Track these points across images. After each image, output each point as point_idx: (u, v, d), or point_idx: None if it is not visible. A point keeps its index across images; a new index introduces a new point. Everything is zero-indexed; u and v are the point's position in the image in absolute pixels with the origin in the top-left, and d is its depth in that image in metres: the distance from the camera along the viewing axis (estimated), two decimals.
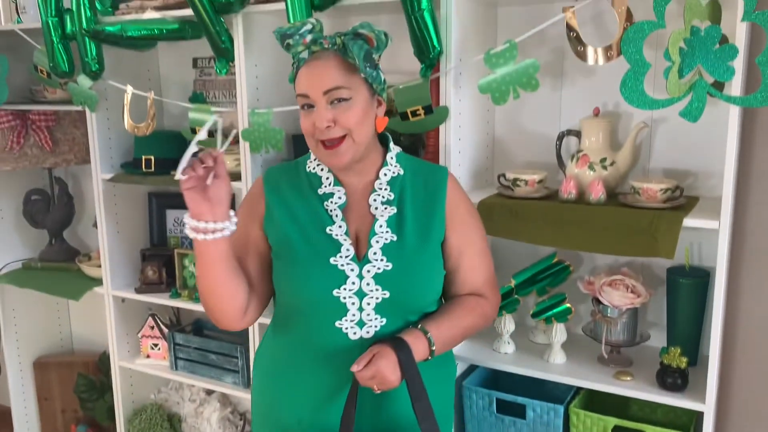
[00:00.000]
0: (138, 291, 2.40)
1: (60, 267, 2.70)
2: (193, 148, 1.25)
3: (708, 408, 1.56)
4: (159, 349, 2.47)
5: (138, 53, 2.30)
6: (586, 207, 1.63)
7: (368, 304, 1.35)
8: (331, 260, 1.35)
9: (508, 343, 1.87)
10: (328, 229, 1.38)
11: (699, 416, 1.62)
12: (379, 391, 1.29)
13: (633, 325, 1.76)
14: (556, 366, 1.78)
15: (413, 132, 1.86)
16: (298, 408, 1.42)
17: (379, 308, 1.35)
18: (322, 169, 1.42)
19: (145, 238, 2.56)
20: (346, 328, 1.35)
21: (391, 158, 1.42)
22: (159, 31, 2.03)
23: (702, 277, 1.71)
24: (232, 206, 1.32)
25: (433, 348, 1.33)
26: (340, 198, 1.40)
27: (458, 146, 1.78)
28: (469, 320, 1.41)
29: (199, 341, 2.36)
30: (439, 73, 1.72)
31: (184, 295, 2.33)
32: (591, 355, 1.81)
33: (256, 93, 2.02)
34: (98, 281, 2.50)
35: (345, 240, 1.37)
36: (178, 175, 1.22)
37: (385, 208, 1.39)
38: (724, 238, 1.49)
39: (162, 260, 2.42)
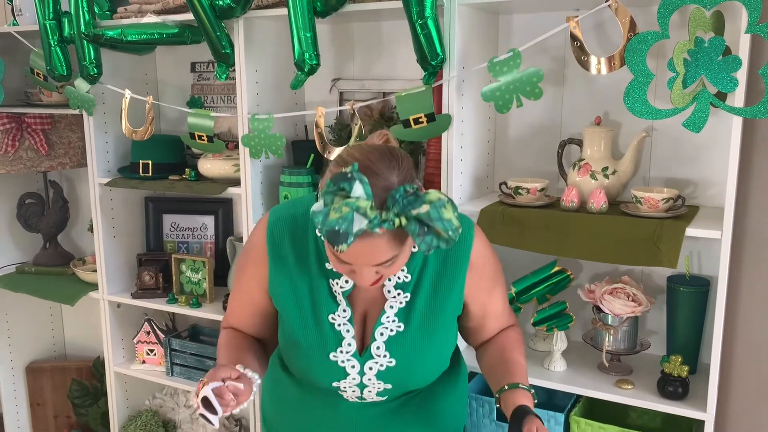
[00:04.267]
0: (134, 296, 2.39)
1: (54, 271, 2.67)
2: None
3: (709, 416, 1.57)
4: (155, 354, 2.46)
5: (135, 57, 2.29)
6: (587, 216, 1.64)
7: (369, 391, 1.34)
8: (331, 356, 1.30)
9: None
10: (330, 317, 1.30)
11: (699, 424, 1.63)
12: None
13: (633, 334, 1.76)
14: (557, 374, 1.78)
15: (415, 140, 1.86)
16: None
17: (381, 393, 1.35)
18: None
19: (142, 242, 2.54)
20: (347, 397, 1.36)
21: None
22: (159, 36, 2.01)
23: (702, 286, 1.72)
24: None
25: (534, 394, 1.29)
26: (347, 282, 1.29)
27: (460, 154, 1.78)
28: (523, 353, 1.39)
29: (196, 347, 2.34)
30: (441, 81, 1.72)
31: (181, 300, 2.31)
32: (591, 363, 1.82)
33: (256, 98, 2.01)
34: (93, 286, 2.48)
35: (348, 332, 1.29)
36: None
37: (398, 293, 1.30)
38: (725, 247, 1.49)
39: (158, 265, 2.40)
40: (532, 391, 1.28)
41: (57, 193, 2.69)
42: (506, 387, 1.27)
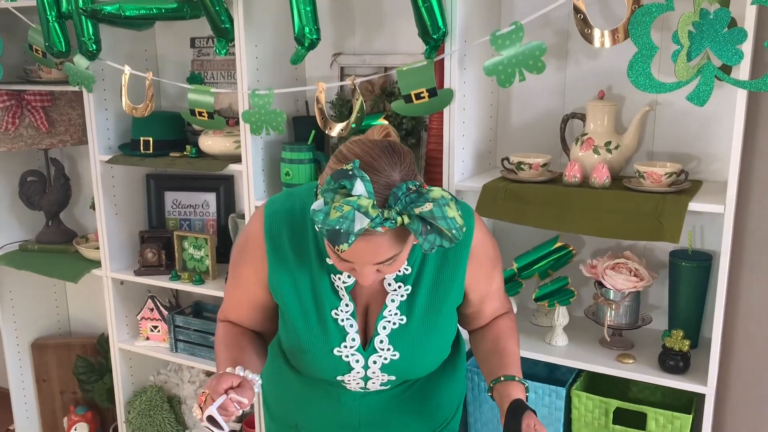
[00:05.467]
0: (137, 273, 2.39)
1: (57, 249, 2.68)
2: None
3: (709, 390, 1.58)
4: (158, 331, 2.47)
5: (134, 33, 2.27)
6: (590, 191, 1.63)
7: (373, 383, 1.34)
8: (335, 351, 1.29)
9: None
10: (333, 313, 1.28)
11: (700, 398, 1.64)
12: None
13: (635, 308, 1.76)
14: (558, 348, 1.79)
15: (417, 115, 1.85)
16: (315, 427, 1.45)
17: (384, 383, 1.35)
18: None
19: (144, 220, 2.54)
20: (350, 388, 1.37)
21: None
22: (157, 11, 1.99)
23: (704, 261, 1.72)
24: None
25: (527, 387, 1.28)
26: (350, 277, 1.27)
27: (462, 129, 1.77)
28: (518, 343, 1.40)
29: (199, 323, 2.35)
30: (443, 55, 1.70)
31: (184, 277, 2.32)
32: (593, 338, 1.82)
33: (256, 74, 2.00)
34: (96, 263, 2.49)
35: (351, 327, 1.28)
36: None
37: (399, 286, 1.28)
38: (728, 221, 1.49)
39: (161, 242, 2.40)
40: (527, 384, 1.28)
41: (58, 171, 2.69)
42: (502, 378, 1.27)
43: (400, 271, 1.28)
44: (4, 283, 2.78)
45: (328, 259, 1.26)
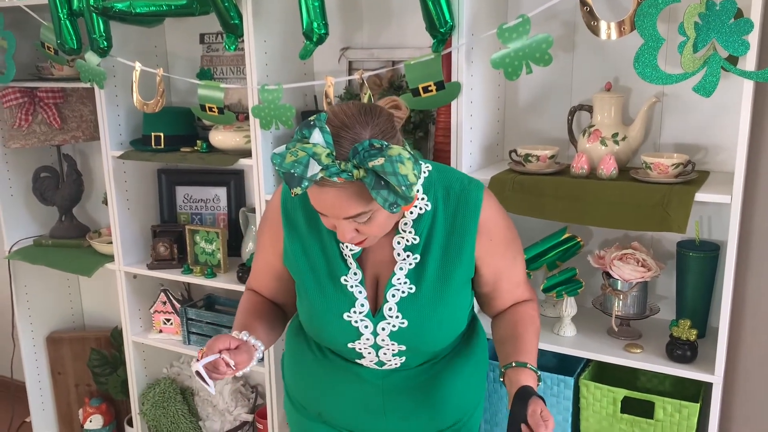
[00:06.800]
0: (150, 267, 2.43)
1: (71, 244, 2.72)
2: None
3: (717, 379, 1.59)
4: (171, 324, 2.50)
5: (144, 29, 2.29)
6: (597, 182, 1.64)
7: (384, 353, 1.36)
8: (345, 316, 1.32)
9: None
10: (342, 279, 1.32)
11: (707, 387, 1.65)
12: None
13: (643, 299, 1.78)
14: (566, 339, 1.81)
15: (425, 108, 1.86)
16: (339, 413, 1.47)
17: (397, 354, 1.37)
18: None
19: (156, 214, 2.57)
20: (365, 363, 1.40)
21: (422, 197, 1.30)
22: (167, 7, 2.01)
23: (712, 251, 1.73)
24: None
25: (539, 376, 1.30)
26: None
27: (470, 122, 1.78)
28: (536, 332, 1.40)
29: (212, 316, 2.38)
30: (450, 49, 1.71)
31: (196, 270, 2.35)
32: (601, 328, 1.84)
33: (265, 69, 2.01)
34: (109, 258, 2.52)
35: (360, 293, 1.31)
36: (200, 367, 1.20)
37: (408, 256, 1.31)
38: (735, 211, 1.50)
39: (173, 236, 2.43)
40: (539, 373, 1.29)
41: (71, 167, 2.72)
42: (513, 364, 1.28)
43: (408, 240, 1.30)
44: (19, 278, 2.82)
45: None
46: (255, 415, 2.54)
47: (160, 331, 2.53)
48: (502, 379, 1.30)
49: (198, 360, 1.20)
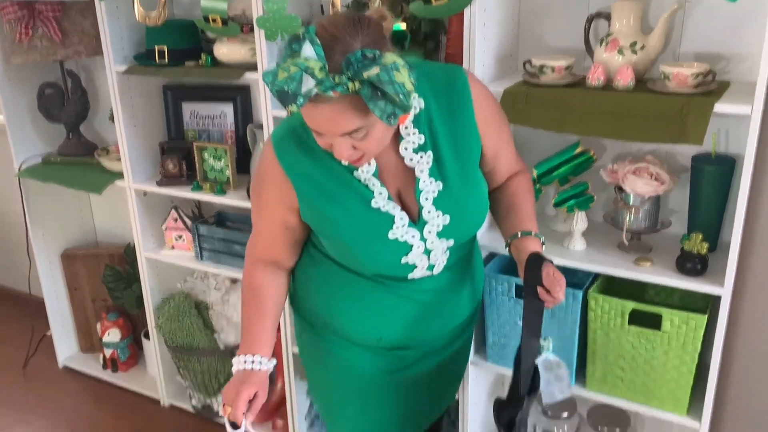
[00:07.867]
0: (159, 184, 2.42)
1: (79, 161, 2.71)
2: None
3: (726, 291, 1.59)
4: (183, 240, 2.53)
5: None
6: (613, 94, 1.60)
7: (435, 255, 1.36)
8: (390, 235, 1.30)
9: None
10: (372, 203, 1.29)
11: (715, 301, 1.66)
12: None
13: (654, 213, 1.76)
14: (576, 253, 1.81)
15: (436, 17, 1.79)
16: (371, 327, 1.45)
17: (445, 252, 1.38)
18: None
19: (163, 131, 2.55)
20: (417, 275, 1.39)
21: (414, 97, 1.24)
22: None
23: (727, 165, 1.70)
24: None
25: (544, 242, 1.38)
26: (369, 163, 1.29)
27: (483, 32, 1.72)
28: (533, 201, 1.47)
29: (223, 232, 2.40)
30: None
31: (205, 187, 2.35)
32: (611, 243, 1.84)
33: None
34: (118, 175, 2.52)
35: (394, 209, 1.30)
36: None
37: (421, 157, 1.30)
38: (755, 123, 1.46)
39: (181, 153, 2.42)
40: (542, 238, 1.36)
41: (75, 83, 2.68)
42: (519, 234, 1.36)
43: (414, 142, 1.29)
44: (31, 196, 2.83)
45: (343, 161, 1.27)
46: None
47: (173, 248, 2.56)
48: (507, 250, 1.37)
49: (224, 414, 1.31)
